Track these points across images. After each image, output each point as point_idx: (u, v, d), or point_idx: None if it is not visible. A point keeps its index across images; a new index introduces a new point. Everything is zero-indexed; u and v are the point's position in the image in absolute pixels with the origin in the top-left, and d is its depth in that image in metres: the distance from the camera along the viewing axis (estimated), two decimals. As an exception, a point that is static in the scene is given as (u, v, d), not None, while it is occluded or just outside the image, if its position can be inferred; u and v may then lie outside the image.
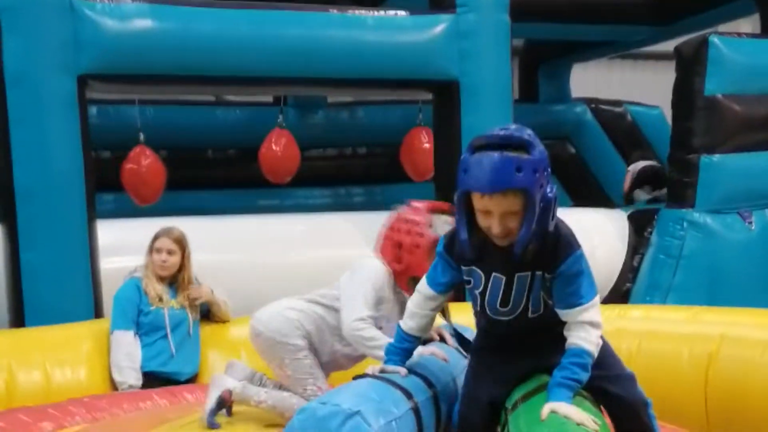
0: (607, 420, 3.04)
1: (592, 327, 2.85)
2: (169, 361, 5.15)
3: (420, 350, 3.36)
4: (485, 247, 2.88)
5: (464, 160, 2.76)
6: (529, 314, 3.00)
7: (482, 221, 2.79)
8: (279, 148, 8.30)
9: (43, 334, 5.27)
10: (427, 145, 8.32)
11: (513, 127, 2.79)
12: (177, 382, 5.06)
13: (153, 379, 5.04)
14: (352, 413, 2.69)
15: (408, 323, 3.23)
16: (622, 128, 11.83)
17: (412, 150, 8.62)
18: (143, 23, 6.08)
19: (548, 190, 2.74)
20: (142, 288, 5.23)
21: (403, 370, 3.17)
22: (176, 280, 5.36)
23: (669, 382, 4.48)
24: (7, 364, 4.82)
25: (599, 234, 8.20)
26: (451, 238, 3.03)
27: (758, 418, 4.19)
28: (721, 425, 4.32)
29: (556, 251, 2.83)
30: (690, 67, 7.58)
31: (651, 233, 7.86)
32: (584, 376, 2.81)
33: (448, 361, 3.48)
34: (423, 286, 3.20)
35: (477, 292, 3.04)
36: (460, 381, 3.38)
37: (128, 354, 5.07)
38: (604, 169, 11.62)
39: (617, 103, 12.11)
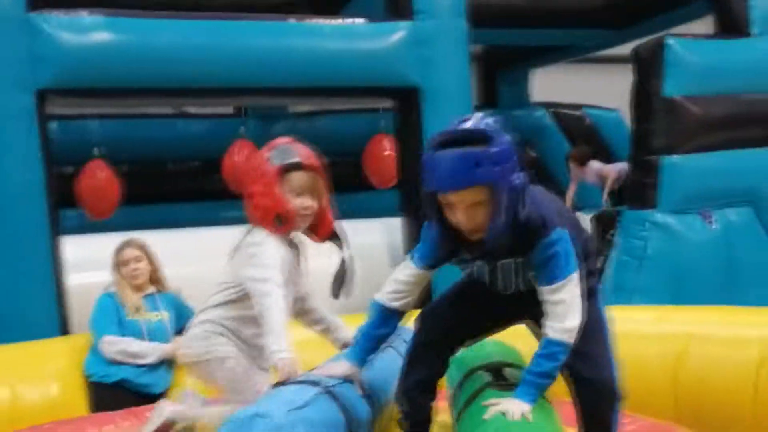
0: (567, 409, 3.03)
1: (562, 307, 2.77)
2: (145, 373, 5.10)
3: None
4: (462, 240, 2.83)
5: (425, 159, 2.74)
6: (522, 289, 2.99)
7: (450, 216, 2.76)
8: (241, 159, 8.26)
9: (10, 351, 5.20)
10: (388, 152, 8.32)
11: (474, 118, 2.75)
12: (150, 394, 5.01)
13: (125, 390, 5.00)
14: (252, 416, 2.66)
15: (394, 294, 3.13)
16: (581, 131, 11.93)
17: (374, 157, 8.62)
18: (101, 36, 6.02)
19: (514, 178, 2.68)
20: (119, 300, 5.21)
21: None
22: (148, 288, 5.35)
23: (638, 382, 4.43)
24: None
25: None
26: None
27: (728, 416, 4.22)
28: (691, 423, 4.34)
29: (529, 236, 2.78)
30: (648, 69, 7.64)
31: (614, 235, 7.91)
32: (550, 366, 2.76)
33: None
34: (406, 260, 3.14)
35: (466, 270, 3.08)
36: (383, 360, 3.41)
37: (130, 343, 5.07)
38: (565, 173, 11.68)
39: (576, 106, 12.20)
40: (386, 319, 3.16)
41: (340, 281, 3.73)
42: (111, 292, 5.29)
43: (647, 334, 4.72)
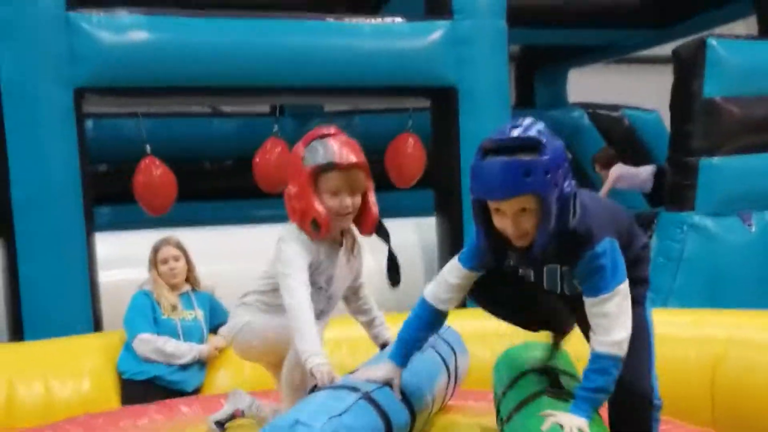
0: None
1: (607, 320, 2.72)
2: (178, 371, 5.12)
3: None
4: (508, 245, 2.82)
5: (473, 165, 2.71)
6: (566, 293, 2.98)
7: (497, 222, 2.74)
8: (273, 158, 8.26)
9: (44, 347, 5.24)
10: (411, 151, 8.26)
11: (525, 123, 2.71)
12: (182, 392, 5.03)
13: (157, 387, 5.01)
14: (292, 423, 2.66)
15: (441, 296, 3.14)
16: (619, 133, 11.84)
17: (397, 155, 8.54)
18: (139, 35, 6.06)
19: (566, 185, 2.66)
20: (154, 298, 5.23)
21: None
22: (184, 286, 5.38)
23: (676, 385, 4.43)
24: (8, 378, 4.77)
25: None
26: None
27: (765, 420, 4.16)
28: (728, 428, 4.29)
29: (575, 247, 2.75)
30: (688, 69, 7.57)
31: (651, 236, 7.84)
32: (603, 381, 2.71)
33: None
34: (454, 261, 3.12)
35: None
36: (427, 365, 3.44)
37: (166, 342, 5.08)
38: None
39: (614, 107, 12.11)
40: (434, 321, 3.17)
41: (395, 270, 3.69)
42: (146, 289, 5.30)
43: (685, 338, 4.67)
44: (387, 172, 8.59)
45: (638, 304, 2.95)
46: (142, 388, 5.00)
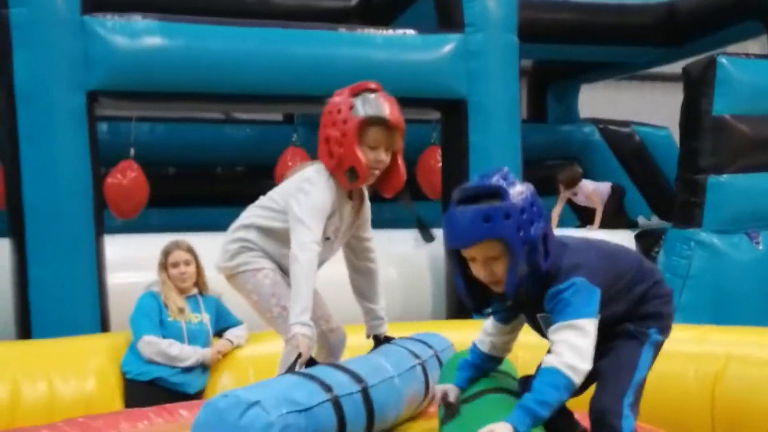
0: None
1: (569, 348, 2.66)
2: (180, 373, 5.14)
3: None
4: (491, 295, 2.88)
5: (444, 216, 2.81)
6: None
7: (473, 270, 2.81)
8: (294, 166, 8.31)
9: (49, 346, 5.28)
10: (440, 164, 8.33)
11: (491, 173, 2.80)
12: (185, 394, 5.06)
13: (159, 388, 5.05)
14: (251, 403, 2.72)
15: (483, 339, 3.21)
16: (630, 149, 11.84)
17: (427, 169, 8.58)
18: (153, 40, 6.12)
19: (532, 229, 2.71)
20: (162, 300, 5.26)
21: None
22: (192, 290, 5.41)
23: (676, 400, 4.46)
24: (12, 376, 4.80)
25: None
26: None
27: (765, 437, 4.16)
28: (728, 444, 4.30)
29: (546, 287, 2.79)
30: (698, 87, 7.60)
31: (658, 253, 7.85)
32: (549, 396, 2.61)
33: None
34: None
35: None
36: (405, 379, 3.47)
37: (170, 345, 5.11)
38: (624, 187, 11.60)
39: (625, 123, 12.12)
40: (486, 361, 3.24)
41: (426, 228, 3.74)
42: (154, 291, 5.33)
43: (687, 353, 4.66)
44: (408, 183, 8.64)
45: (636, 340, 2.94)
46: (144, 389, 5.04)
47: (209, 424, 2.77)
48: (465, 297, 2.91)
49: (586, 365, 2.66)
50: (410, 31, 6.98)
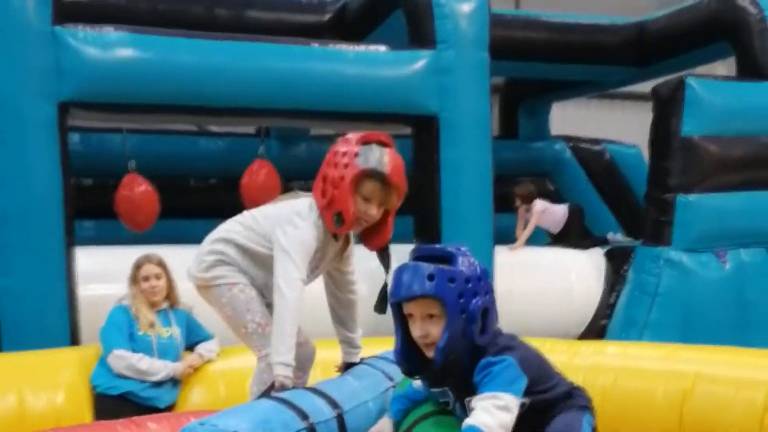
0: None
1: (488, 414, 2.67)
2: (150, 387, 5.10)
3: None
4: (425, 360, 2.89)
5: (395, 269, 2.88)
6: None
7: (411, 329, 2.85)
8: (260, 179, 8.31)
9: (19, 359, 5.22)
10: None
11: (451, 244, 2.92)
12: (155, 408, 5.02)
13: (129, 402, 5.00)
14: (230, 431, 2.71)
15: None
16: (600, 166, 11.92)
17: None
18: (125, 52, 6.09)
19: (474, 301, 2.77)
20: (132, 314, 5.22)
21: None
22: (163, 304, 5.37)
23: (644, 418, 4.47)
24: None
25: (576, 272, 8.27)
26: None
27: (731, 455, 4.18)
28: (695, 462, 4.32)
29: (477, 360, 2.81)
30: (667, 108, 7.67)
31: (627, 271, 7.91)
32: None
33: None
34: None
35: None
36: (379, 402, 3.45)
37: (140, 359, 5.07)
38: (582, 207, 11.67)
39: (596, 141, 12.20)
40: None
41: (384, 297, 3.74)
42: (124, 305, 5.29)
43: (655, 371, 4.68)
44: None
45: (576, 409, 2.97)
46: (114, 403, 4.98)
47: None
48: (398, 357, 2.95)
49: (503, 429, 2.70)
50: (382, 47, 7.01)
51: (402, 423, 3.18)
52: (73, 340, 5.93)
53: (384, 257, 3.94)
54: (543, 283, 8.22)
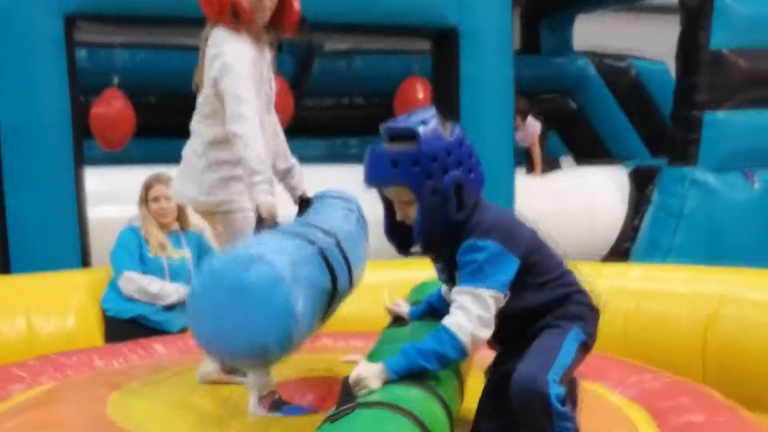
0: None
1: (463, 312, 2.60)
2: (162, 311, 5.04)
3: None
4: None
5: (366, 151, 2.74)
6: None
7: (396, 208, 2.77)
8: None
9: (28, 281, 5.15)
10: (421, 95, 8.19)
11: (416, 114, 2.71)
12: (166, 332, 4.95)
13: (140, 326, 4.95)
14: (253, 257, 2.57)
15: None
16: (625, 84, 11.65)
17: (406, 100, 8.44)
18: (132, -39, 5.91)
19: (445, 178, 2.62)
20: (142, 236, 5.13)
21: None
22: (173, 225, 5.26)
23: (667, 342, 4.42)
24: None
25: (600, 192, 8.14)
26: None
27: (756, 379, 4.11)
28: (718, 385, 4.22)
29: (460, 239, 2.70)
30: (695, 20, 7.47)
31: (652, 191, 7.76)
32: (432, 347, 2.56)
33: None
34: None
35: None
36: (356, 228, 3.46)
37: (151, 282, 5.00)
38: (606, 125, 11.45)
39: (621, 57, 11.90)
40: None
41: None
42: (134, 226, 5.19)
43: (679, 294, 4.61)
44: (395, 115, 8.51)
45: (559, 328, 2.79)
46: (125, 327, 4.93)
47: (206, 290, 2.58)
48: (388, 235, 2.86)
49: (478, 331, 2.60)
50: (401, -43, 6.78)
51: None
52: (84, 262, 5.88)
53: (303, 31, 3.68)
54: (565, 205, 8.09)
